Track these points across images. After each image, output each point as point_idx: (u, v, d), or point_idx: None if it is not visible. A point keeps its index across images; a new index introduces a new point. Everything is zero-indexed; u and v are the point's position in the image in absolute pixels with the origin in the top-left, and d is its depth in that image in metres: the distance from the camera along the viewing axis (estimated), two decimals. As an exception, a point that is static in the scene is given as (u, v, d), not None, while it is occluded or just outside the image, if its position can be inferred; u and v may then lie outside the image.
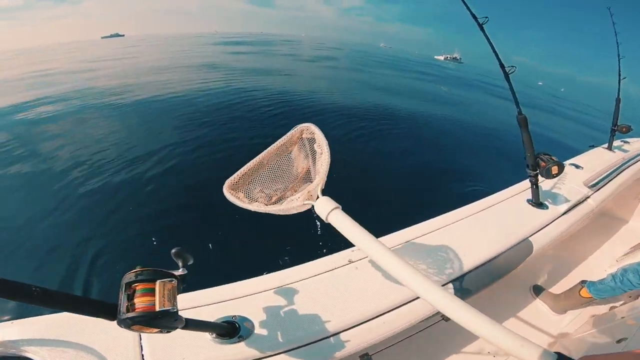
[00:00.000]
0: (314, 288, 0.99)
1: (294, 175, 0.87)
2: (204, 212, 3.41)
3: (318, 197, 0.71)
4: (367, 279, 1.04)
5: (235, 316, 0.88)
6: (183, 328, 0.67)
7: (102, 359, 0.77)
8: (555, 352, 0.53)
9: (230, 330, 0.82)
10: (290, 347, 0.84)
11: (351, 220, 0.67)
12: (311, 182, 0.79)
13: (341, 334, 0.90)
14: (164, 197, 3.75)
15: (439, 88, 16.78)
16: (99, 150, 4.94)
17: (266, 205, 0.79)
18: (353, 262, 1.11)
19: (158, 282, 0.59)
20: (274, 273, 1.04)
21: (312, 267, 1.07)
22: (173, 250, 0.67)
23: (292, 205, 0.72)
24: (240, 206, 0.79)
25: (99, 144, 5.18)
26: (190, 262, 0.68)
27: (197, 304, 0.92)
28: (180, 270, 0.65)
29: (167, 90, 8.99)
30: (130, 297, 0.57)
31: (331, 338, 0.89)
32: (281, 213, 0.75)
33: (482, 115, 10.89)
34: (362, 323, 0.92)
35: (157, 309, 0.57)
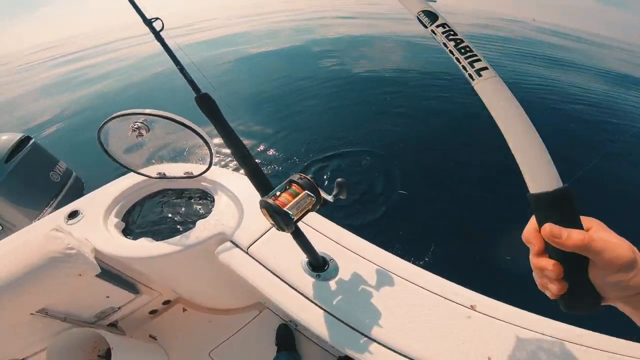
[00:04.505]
0: (408, 295, 0.89)
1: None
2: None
3: None
4: (463, 336, 0.83)
5: (332, 259, 0.95)
6: (292, 235, 0.80)
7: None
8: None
9: (319, 265, 0.92)
10: (339, 316, 0.85)
11: None
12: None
13: (376, 344, 0.83)
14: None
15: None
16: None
17: None
18: (474, 310, 0.87)
19: (305, 192, 0.70)
20: (388, 253, 1.00)
21: (429, 280, 0.93)
22: (339, 180, 0.74)
23: None
24: None
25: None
26: (343, 197, 0.75)
27: (314, 225, 1.06)
28: (330, 197, 0.74)
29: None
30: (284, 189, 0.71)
31: (367, 339, 0.83)
32: None
33: None
34: (400, 354, 0.82)
35: (284, 207, 0.67)
